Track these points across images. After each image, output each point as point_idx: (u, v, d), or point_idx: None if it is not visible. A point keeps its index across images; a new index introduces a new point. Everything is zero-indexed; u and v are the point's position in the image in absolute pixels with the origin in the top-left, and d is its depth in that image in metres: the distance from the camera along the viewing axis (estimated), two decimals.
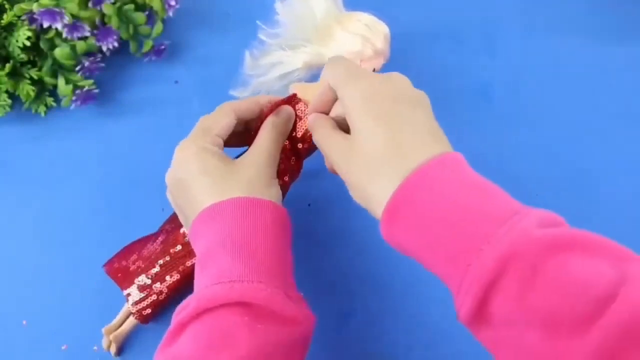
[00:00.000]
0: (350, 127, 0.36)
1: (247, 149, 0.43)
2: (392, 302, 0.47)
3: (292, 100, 0.44)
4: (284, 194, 0.44)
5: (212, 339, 0.32)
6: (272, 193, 0.39)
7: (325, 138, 0.38)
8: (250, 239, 0.36)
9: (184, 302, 0.35)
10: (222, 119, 0.41)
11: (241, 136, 0.44)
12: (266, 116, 0.43)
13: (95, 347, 0.46)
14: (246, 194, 0.37)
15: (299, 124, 0.44)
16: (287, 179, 0.44)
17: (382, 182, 0.33)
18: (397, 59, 0.53)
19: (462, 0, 0.63)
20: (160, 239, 0.46)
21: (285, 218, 0.39)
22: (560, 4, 0.62)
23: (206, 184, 0.38)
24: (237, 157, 0.41)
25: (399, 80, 0.37)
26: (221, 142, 0.41)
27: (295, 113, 0.44)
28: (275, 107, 0.43)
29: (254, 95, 0.47)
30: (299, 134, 0.44)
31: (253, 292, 0.33)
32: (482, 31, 0.61)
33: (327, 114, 0.41)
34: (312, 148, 0.46)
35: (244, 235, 0.36)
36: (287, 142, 0.44)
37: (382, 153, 0.33)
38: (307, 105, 0.45)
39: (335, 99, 0.39)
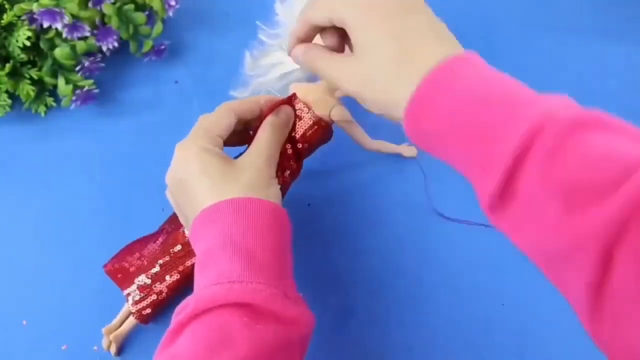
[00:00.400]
0: (355, 44, 0.35)
1: (246, 148, 0.43)
2: (392, 302, 0.47)
3: (291, 100, 0.45)
4: (284, 193, 0.44)
5: (211, 340, 0.32)
6: (271, 193, 0.39)
7: (328, 61, 0.37)
8: (249, 240, 0.36)
9: (184, 303, 0.35)
10: (222, 119, 0.41)
11: (241, 135, 0.44)
12: (265, 116, 0.43)
13: (95, 347, 0.46)
14: (245, 194, 0.37)
15: (298, 124, 0.44)
16: (287, 176, 0.44)
17: (401, 85, 0.33)
18: None
19: (462, 0, 0.63)
20: (160, 239, 0.46)
21: (284, 218, 0.39)
22: (560, 4, 0.62)
23: (206, 184, 0.38)
24: (237, 157, 0.41)
25: None
26: (221, 142, 0.41)
27: (295, 113, 0.45)
28: (274, 107, 0.43)
29: (254, 96, 0.47)
30: (299, 134, 0.44)
31: (252, 293, 0.33)
32: (482, 31, 0.61)
33: None
34: (312, 148, 0.46)
35: (243, 236, 0.36)
36: (287, 145, 0.44)
37: (396, 58, 0.33)
38: (306, 106, 0.45)
39: (314, 36, 0.39)
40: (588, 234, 0.25)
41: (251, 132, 0.44)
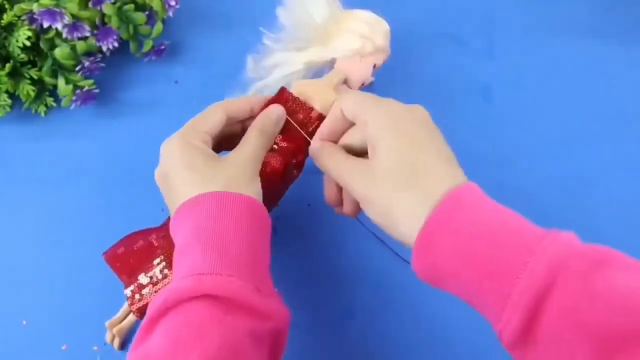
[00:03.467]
0: (373, 149, 0.37)
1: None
2: (392, 302, 0.47)
3: (283, 95, 0.45)
4: (289, 184, 0.44)
5: (181, 333, 0.32)
6: (252, 189, 0.39)
7: (341, 162, 0.39)
8: (223, 233, 0.36)
9: (156, 295, 0.35)
10: (210, 116, 0.42)
11: (238, 138, 0.44)
12: (257, 115, 0.43)
13: (95, 347, 0.46)
14: (225, 189, 0.37)
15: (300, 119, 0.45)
16: (294, 171, 0.44)
17: (410, 204, 0.34)
18: (398, 60, 0.53)
19: (462, 0, 0.63)
20: (162, 234, 0.46)
21: (262, 214, 0.39)
22: (560, 4, 0.62)
23: (187, 178, 0.38)
24: None
25: (421, 111, 0.38)
26: (209, 139, 0.41)
27: (292, 106, 0.45)
28: (266, 105, 0.43)
29: (246, 96, 0.47)
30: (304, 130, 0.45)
31: (221, 285, 0.33)
32: (482, 31, 0.61)
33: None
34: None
35: (217, 229, 0.36)
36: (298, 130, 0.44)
37: (409, 172, 0.34)
38: (306, 102, 0.45)
39: (345, 130, 0.41)
40: None
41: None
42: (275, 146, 0.44)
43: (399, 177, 0.35)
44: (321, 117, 0.45)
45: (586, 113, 0.56)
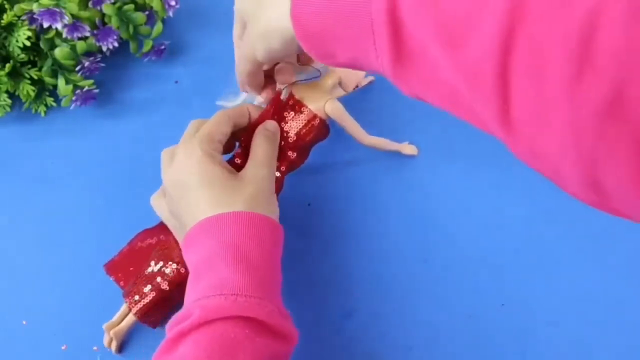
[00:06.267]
0: None
1: (231, 156, 0.45)
2: (392, 302, 0.47)
3: (277, 100, 0.45)
4: (280, 185, 0.45)
5: (214, 349, 0.32)
6: (272, 210, 0.40)
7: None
8: (251, 254, 0.36)
9: (185, 311, 0.35)
10: (222, 127, 0.42)
11: (227, 145, 0.45)
12: (255, 124, 0.44)
13: (95, 347, 0.46)
14: (248, 209, 0.38)
15: (293, 120, 0.45)
16: (284, 169, 0.45)
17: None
18: None
19: None
20: (160, 237, 0.46)
21: (281, 236, 0.40)
22: None
23: (209, 194, 0.38)
24: (228, 161, 0.42)
25: None
26: (222, 149, 0.42)
27: (284, 114, 0.45)
28: (267, 113, 0.44)
29: (245, 104, 0.48)
30: (294, 131, 0.45)
31: (256, 308, 0.34)
32: None
33: None
34: (307, 145, 0.46)
35: (246, 250, 0.36)
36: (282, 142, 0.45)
37: None
38: (299, 102, 0.45)
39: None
40: (479, 65, 0.25)
41: (237, 142, 0.45)
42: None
43: None
44: (315, 118, 0.45)
45: None
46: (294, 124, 0.45)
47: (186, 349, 0.33)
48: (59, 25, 0.51)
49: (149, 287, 0.44)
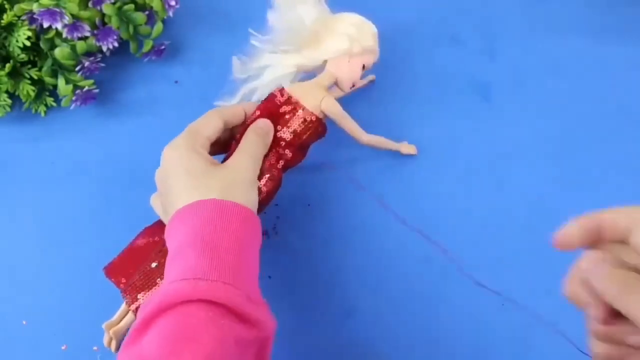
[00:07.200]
0: None
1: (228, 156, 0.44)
2: (392, 302, 0.47)
3: (273, 98, 0.46)
4: (277, 186, 0.45)
5: (176, 334, 0.32)
6: (249, 199, 0.40)
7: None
8: (219, 242, 0.36)
9: (148, 298, 0.35)
10: (209, 122, 0.43)
11: (225, 144, 0.45)
12: (250, 122, 0.44)
13: (95, 347, 0.46)
14: (223, 196, 0.38)
15: (291, 119, 0.45)
16: (281, 166, 0.45)
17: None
18: (397, 59, 0.53)
19: (462, 0, 0.63)
20: (161, 236, 0.46)
21: (256, 225, 0.40)
22: (560, 4, 0.62)
23: (188, 183, 0.39)
24: (223, 161, 0.42)
25: None
26: (208, 145, 0.42)
27: (280, 112, 0.46)
28: (263, 112, 0.45)
29: (240, 103, 0.48)
30: (290, 129, 0.45)
31: (216, 291, 0.34)
32: (482, 31, 0.61)
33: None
34: (304, 143, 0.46)
35: (212, 236, 0.36)
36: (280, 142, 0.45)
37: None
38: (297, 101, 0.46)
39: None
40: None
41: (236, 138, 0.45)
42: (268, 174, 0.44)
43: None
44: (311, 116, 0.45)
45: (586, 113, 0.55)
46: (291, 123, 0.45)
47: (150, 338, 0.33)
48: (59, 25, 0.51)
49: (148, 285, 0.44)
